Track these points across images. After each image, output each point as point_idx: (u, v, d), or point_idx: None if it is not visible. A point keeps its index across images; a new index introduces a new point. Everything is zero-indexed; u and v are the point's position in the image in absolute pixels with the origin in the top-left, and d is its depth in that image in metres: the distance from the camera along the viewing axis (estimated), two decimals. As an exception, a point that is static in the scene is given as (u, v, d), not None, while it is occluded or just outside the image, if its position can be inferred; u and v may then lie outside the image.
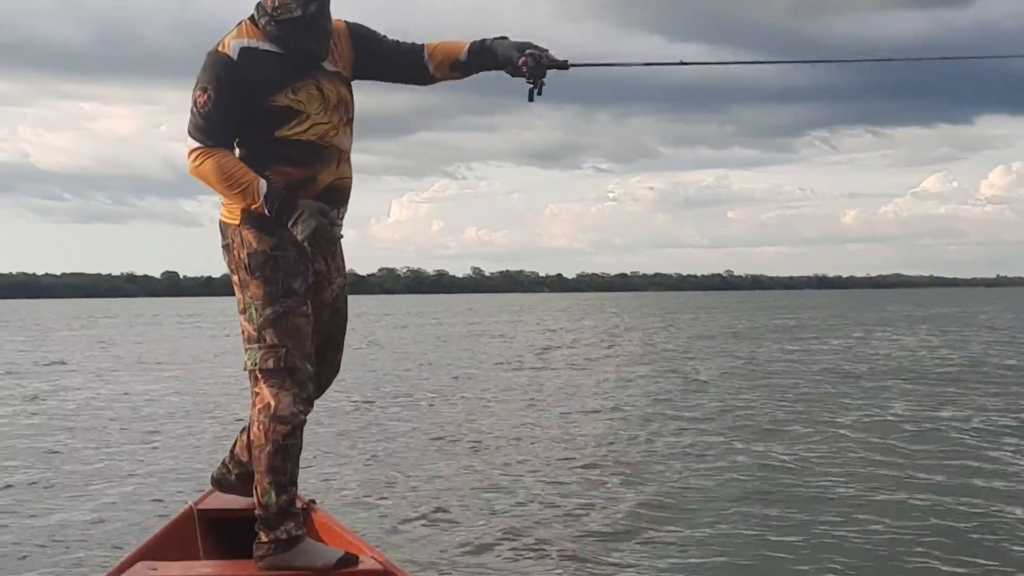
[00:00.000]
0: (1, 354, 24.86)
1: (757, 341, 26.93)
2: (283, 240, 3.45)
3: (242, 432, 3.90)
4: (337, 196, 3.57)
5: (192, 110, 3.39)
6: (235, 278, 3.50)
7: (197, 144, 3.39)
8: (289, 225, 3.38)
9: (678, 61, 4.02)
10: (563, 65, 3.55)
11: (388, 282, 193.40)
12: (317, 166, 3.49)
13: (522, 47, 3.51)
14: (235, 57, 3.40)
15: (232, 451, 3.96)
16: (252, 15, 3.49)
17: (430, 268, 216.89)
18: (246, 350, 3.47)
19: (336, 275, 3.69)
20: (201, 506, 3.91)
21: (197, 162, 3.39)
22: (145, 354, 23.85)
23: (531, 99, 3.50)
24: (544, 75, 3.49)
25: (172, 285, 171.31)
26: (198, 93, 3.38)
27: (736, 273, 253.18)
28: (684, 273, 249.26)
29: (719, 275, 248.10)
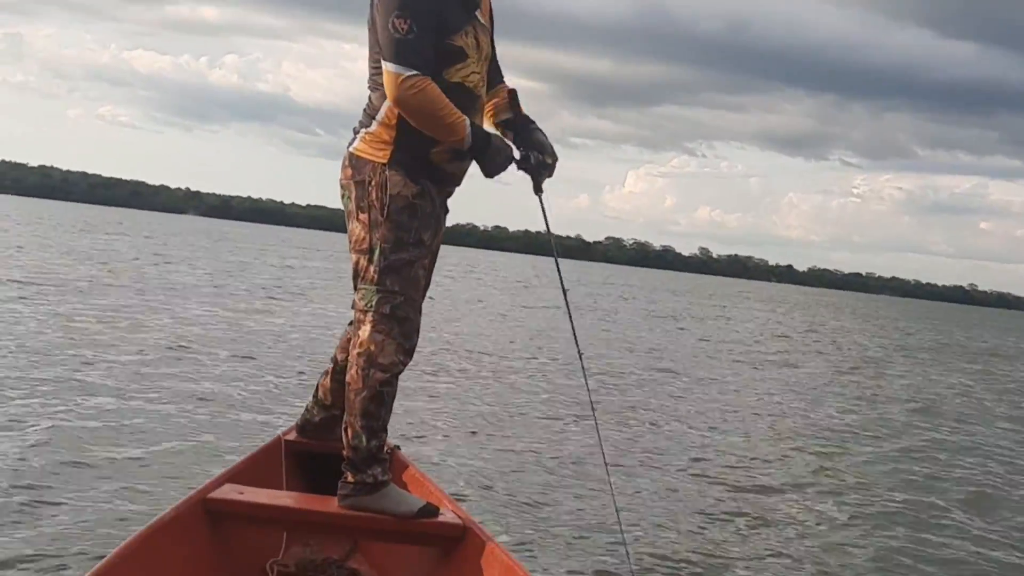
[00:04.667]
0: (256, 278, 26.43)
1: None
2: (425, 189, 3.44)
3: (324, 375, 3.91)
4: None
5: (395, 37, 3.26)
6: (363, 216, 3.42)
7: (412, 71, 3.25)
8: (481, 164, 3.46)
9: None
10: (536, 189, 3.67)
11: (613, 252, 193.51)
12: (471, 113, 3.45)
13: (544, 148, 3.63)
14: None
15: (315, 395, 3.96)
16: None
17: (657, 243, 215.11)
18: (358, 288, 3.46)
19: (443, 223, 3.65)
20: (289, 437, 3.98)
21: (413, 89, 3.25)
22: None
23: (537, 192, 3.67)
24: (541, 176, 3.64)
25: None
26: (398, 20, 3.26)
27: (980, 288, 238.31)
28: (923, 281, 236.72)
29: (961, 287, 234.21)
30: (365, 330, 3.41)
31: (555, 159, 3.65)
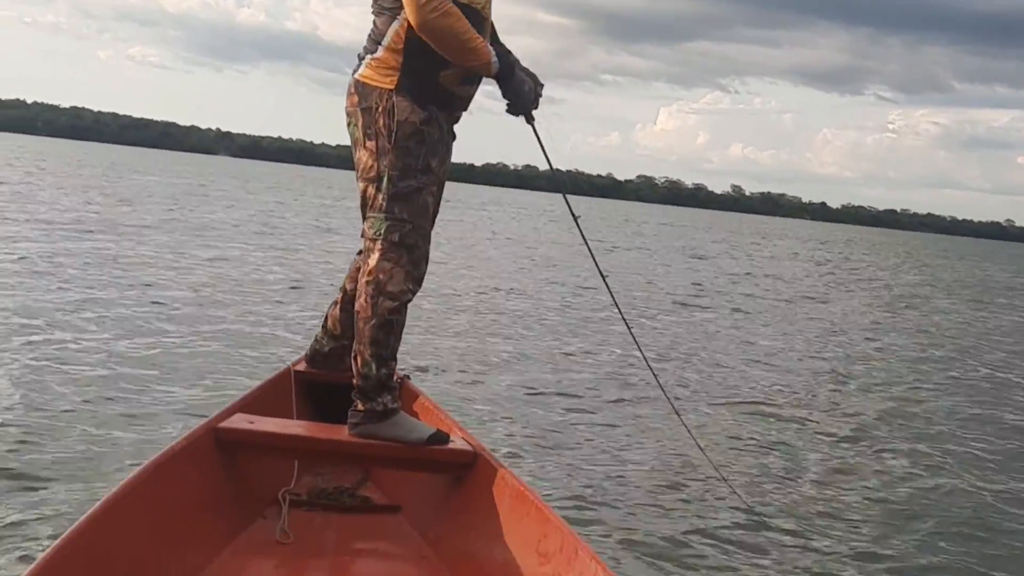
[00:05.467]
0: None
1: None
2: (433, 115, 3.40)
3: (332, 306, 3.91)
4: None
5: None
6: (370, 143, 3.39)
7: None
8: (509, 92, 3.45)
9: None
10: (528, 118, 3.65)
11: (644, 190, 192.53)
12: (481, 36, 3.40)
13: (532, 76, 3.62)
14: None
15: (324, 325, 3.96)
16: None
17: (689, 181, 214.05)
18: (367, 217, 3.44)
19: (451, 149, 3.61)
20: (299, 368, 3.97)
21: (437, 12, 3.21)
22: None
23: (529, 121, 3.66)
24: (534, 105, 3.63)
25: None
26: None
27: (1017, 224, 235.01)
28: (960, 217, 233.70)
29: (998, 223, 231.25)
30: (374, 258, 3.39)
31: (542, 87, 3.64)
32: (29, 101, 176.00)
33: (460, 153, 3.62)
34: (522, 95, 3.49)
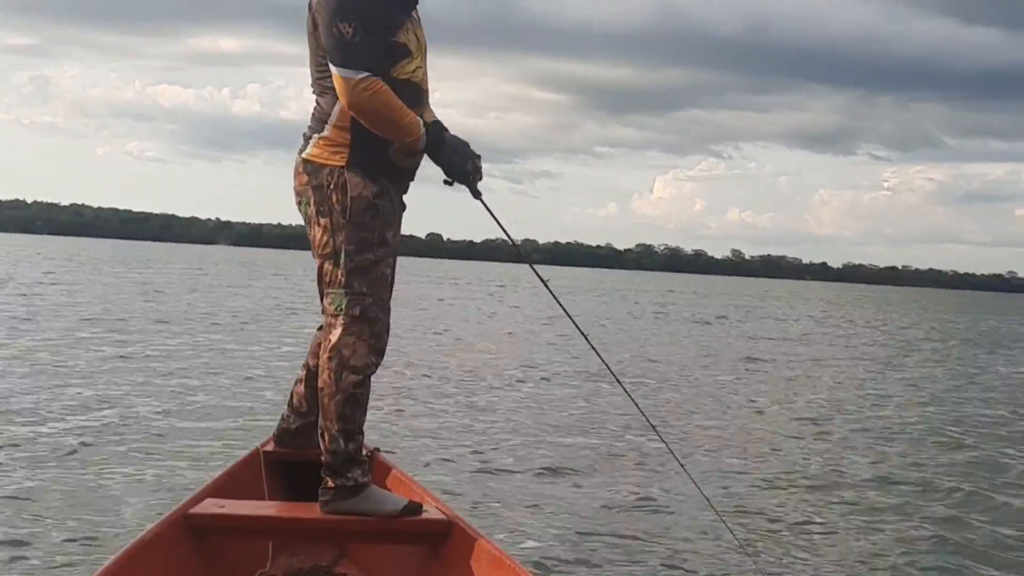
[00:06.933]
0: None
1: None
2: (384, 189, 3.44)
3: (297, 383, 3.90)
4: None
5: (341, 41, 3.26)
6: (324, 220, 3.42)
7: (363, 74, 3.26)
8: (440, 161, 3.46)
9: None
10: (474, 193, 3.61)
11: (644, 258, 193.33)
12: (418, 109, 3.47)
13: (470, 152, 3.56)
14: None
15: (290, 403, 3.95)
16: None
17: (688, 247, 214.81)
18: (326, 294, 3.45)
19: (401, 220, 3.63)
20: (267, 448, 3.95)
21: (367, 92, 3.26)
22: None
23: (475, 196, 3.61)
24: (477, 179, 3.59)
25: (435, 247, 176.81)
26: (342, 25, 3.26)
27: (1019, 275, 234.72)
28: (961, 271, 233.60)
29: (1000, 276, 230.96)
30: (336, 333, 3.40)
31: (479, 158, 3.61)
32: (29, 201, 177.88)
33: (462, 231, 3.57)
34: (455, 163, 3.48)
